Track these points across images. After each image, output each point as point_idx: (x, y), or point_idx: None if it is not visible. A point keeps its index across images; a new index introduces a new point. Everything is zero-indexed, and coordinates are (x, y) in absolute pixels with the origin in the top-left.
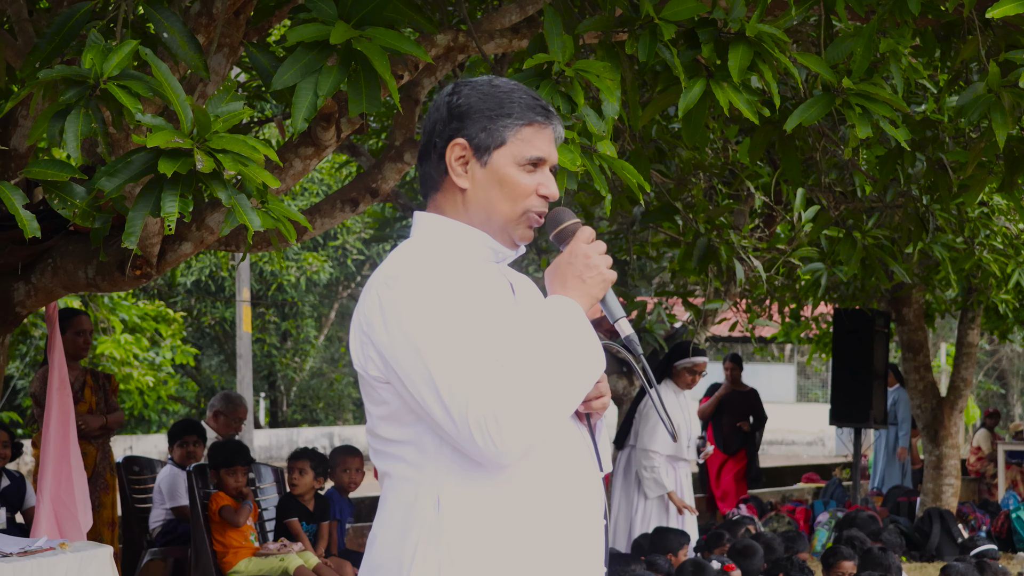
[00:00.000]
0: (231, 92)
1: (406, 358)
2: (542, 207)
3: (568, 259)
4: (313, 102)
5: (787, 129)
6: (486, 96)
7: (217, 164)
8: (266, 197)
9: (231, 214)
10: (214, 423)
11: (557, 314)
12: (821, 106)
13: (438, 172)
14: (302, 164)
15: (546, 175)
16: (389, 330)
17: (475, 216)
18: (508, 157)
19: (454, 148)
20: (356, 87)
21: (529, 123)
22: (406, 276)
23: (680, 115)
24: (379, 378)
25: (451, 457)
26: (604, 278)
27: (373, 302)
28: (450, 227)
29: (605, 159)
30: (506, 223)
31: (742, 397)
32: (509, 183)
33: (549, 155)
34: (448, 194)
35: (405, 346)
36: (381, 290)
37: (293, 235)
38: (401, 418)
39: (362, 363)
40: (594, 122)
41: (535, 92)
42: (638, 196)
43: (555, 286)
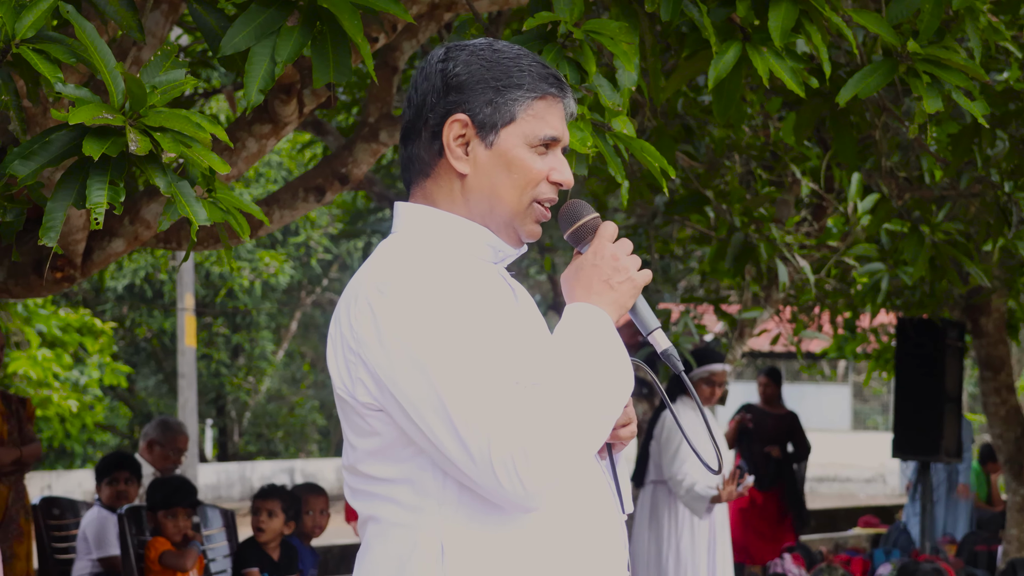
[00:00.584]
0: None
1: (409, 381)
2: (552, 196)
3: (593, 261)
4: (270, 70)
5: (840, 103)
6: (490, 63)
7: (154, 145)
8: (214, 185)
9: (171, 205)
10: (149, 455)
11: (585, 327)
12: (881, 74)
13: (430, 154)
14: (257, 145)
15: (559, 158)
16: (387, 347)
17: (475, 207)
18: (518, 136)
19: (453, 125)
20: (322, 52)
21: (542, 96)
22: (403, 281)
23: (711, 86)
24: (371, 405)
25: (457, 497)
26: (635, 283)
27: (363, 314)
28: (444, 221)
29: (621, 139)
30: (513, 216)
31: (777, 421)
32: (519, 167)
33: (563, 134)
34: (442, 181)
35: (408, 367)
36: (374, 299)
37: (247, 230)
38: (395, 452)
39: (349, 387)
40: (608, 94)
41: (543, 59)
42: (661, 183)
43: (578, 292)
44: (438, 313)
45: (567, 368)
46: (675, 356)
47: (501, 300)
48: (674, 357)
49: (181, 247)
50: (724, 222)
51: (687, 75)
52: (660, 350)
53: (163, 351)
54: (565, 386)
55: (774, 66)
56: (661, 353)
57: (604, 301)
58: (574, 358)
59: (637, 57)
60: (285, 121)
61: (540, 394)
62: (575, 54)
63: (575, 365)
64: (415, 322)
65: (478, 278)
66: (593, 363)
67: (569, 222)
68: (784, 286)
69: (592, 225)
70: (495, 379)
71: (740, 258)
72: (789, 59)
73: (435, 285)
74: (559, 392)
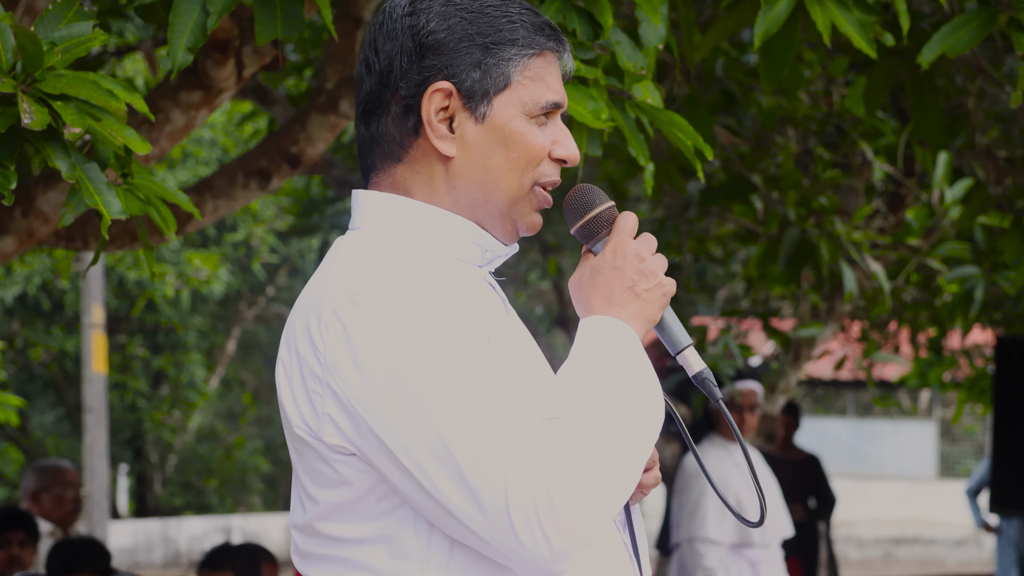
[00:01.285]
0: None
1: (397, 415)
2: (556, 177)
3: (613, 262)
4: (200, 23)
5: (922, 64)
6: (472, 14)
7: (54, 117)
8: (130, 168)
9: (75, 193)
10: (37, 508)
11: (608, 345)
12: (975, 27)
13: (402, 132)
14: (185, 117)
15: (561, 128)
16: (366, 373)
17: (464, 197)
18: (515, 105)
19: (433, 96)
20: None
21: (539, 52)
22: (383, 290)
23: (758, 44)
24: (340, 448)
25: (447, 559)
26: (665, 290)
27: (332, 332)
28: (423, 214)
29: (645, 110)
30: (511, 205)
31: (795, 469)
32: (518, 143)
33: (564, 98)
34: (419, 166)
35: (395, 397)
36: (345, 313)
37: (172, 225)
38: (370, 506)
39: (312, 425)
40: (628, 54)
41: (530, 5)
42: (695, 165)
43: (596, 302)
44: (431, 329)
45: (591, 397)
46: (711, 380)
47: (495, 314)
48: (710, 382)
49: (88, 247)
50: (775, 215)
51: (728, 29)
52: (692, 373)
53: (64, 378)
54: (591, 419)
55: (838, 18)
56: (693, 377)
57: (628, 313)
58: (599, 384)
59: (666, 6)
60: (220, 87)
61: (562, 429)
62: (586, 2)
63: (601, 393)
64: (402, 340)
65: (468, 286)
66: (622, 390)
67: (578, 213)
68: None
69: (607, 216)
70: (507, 411)
71: (795, 260)
72: (857, 9)
73: (424, 294)
74: (585, 426)
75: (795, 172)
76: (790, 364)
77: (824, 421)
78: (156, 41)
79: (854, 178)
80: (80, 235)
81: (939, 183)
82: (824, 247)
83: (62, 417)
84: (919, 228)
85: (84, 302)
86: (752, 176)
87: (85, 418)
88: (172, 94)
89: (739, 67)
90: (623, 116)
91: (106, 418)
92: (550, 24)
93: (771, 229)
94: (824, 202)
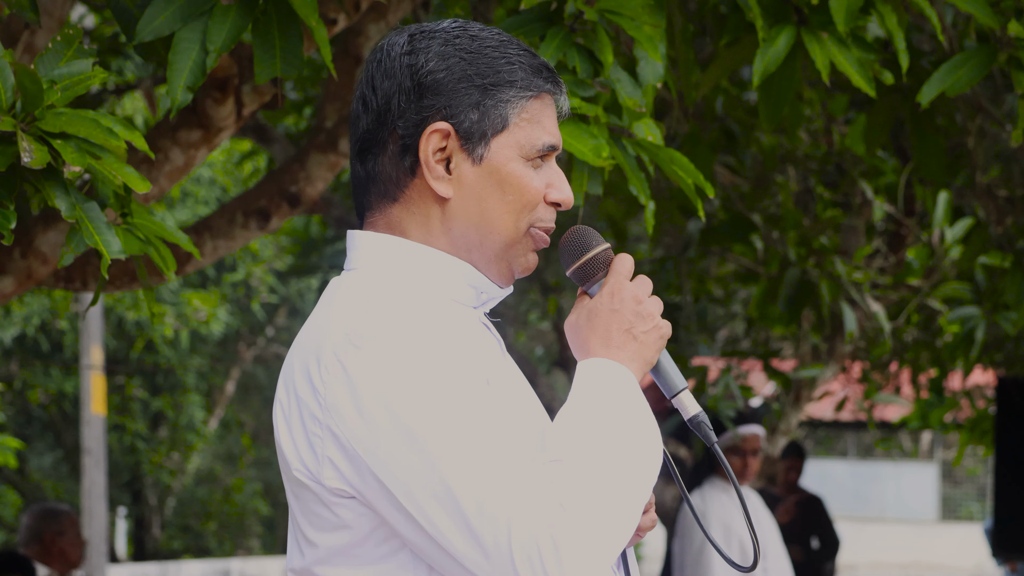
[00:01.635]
0: (74, 44)
1: (399, 458)
2: (551, 221)
3: (610, 304)
4: (200, 61)
5: (922, 102)
6: (472, 54)
7: (53, 156)
8: (130, 207)
9: (75, 233)
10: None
11: (606, 388)
12: (975, 66)
13: (399, 172)
14: (184, 156)
15: (555, 171)
16: (367, 416)
17: (460, 239)
18: (512, 147)
19: (431, 137)
20: (266, 38)
21: (537, 95)
22: (386, 331)
23: (757, 81)
24: (340, 491)
25: None
26: (662, 333)
27: (333, 374)
28: (419, 256)
29: (645, 148)
30: (507, 247)
31: (799, 509)
32: (514, 186)
33: (559, 141)
34: (415, 206)
35: (397, 440)
36: (347, 355)
37: (172, 265)
38: (369, 550)
39: (311, 469)
40: (628, 91)
41: (526, 45)
42: (696, 204)
43: (593, 345)
44: (432, 371)
45: (591, 440)
46: (706, 424)
47: (492, 356)
48: (705, 425)
49: (88, 287)
50: (775, 254)
51: (728, 67)
52: (687, 416)
53: (63, 420)
54: (591, 462)
55: (836, 56)
56: (689, 420)
57: (626, 355)
58: (598, 427)
59: (665, 44)
60: (220, 126)
61: (563, 472)
62: (586, 40)
63: (600, 436)
64: (404, 382)
65: (465, 328)
66: (621, 432)
67: (574, 255)
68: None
69: (603, 259)
70: (509, 453)
71: (796, 300)
72: (856, 47)
73: (424, 336)
74: (585, 469)
75: (796, 211)
76: (791, 405)
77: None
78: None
79: (854, 217)
80: (79, 275)
81: (940, 223)
82: (825, 287)
83: (60, 459)
84: (920, 268)
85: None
86: (752, 215)
87: (83, 460)
88: (171, 133)
89: (739, 105)
90: (624, 154)
91: (104, 460)
92: (547, 66)
93: (772, 269)
94: (825, 242)
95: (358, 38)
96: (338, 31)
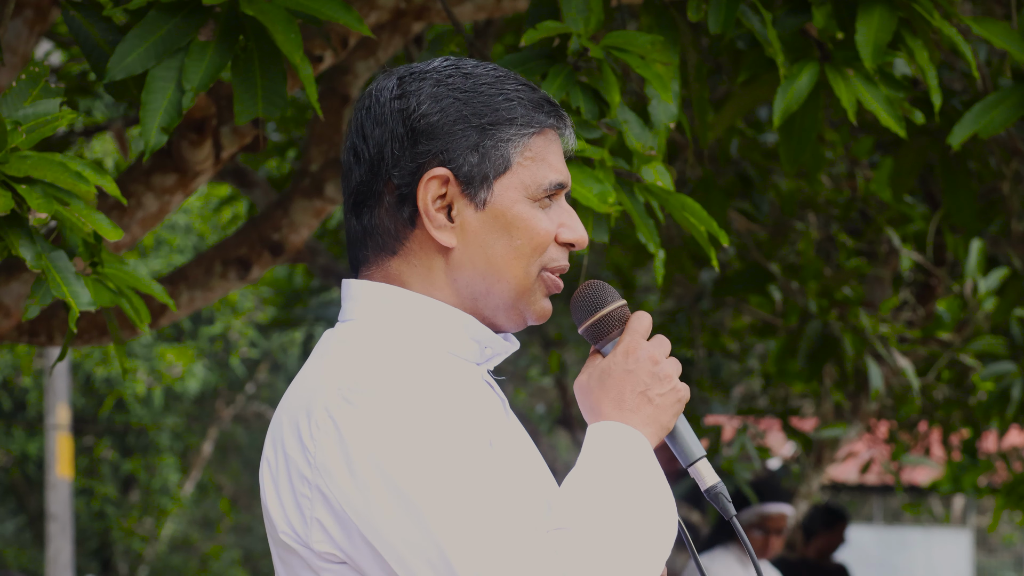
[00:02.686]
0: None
1: (392, 523)
2: (564, 262)
3: (625, 365)
4: (176, 101)
5: (953, 145)
6: (466, 93)
7: (17, 202)
8: (100, 256)
9: (41, 284)
10: None
11: (619, 454)
12: (1010, 106)
13: (397, 224)
14: (158, 202)
15: (566, 210)
16: (360, 478)
17: (466, 289)
18: (517, 188)
19: (429, 185)
20: (246, 76)
21: (540, 130)
22: (380, 387)
23: (776, 123)
24: (329, 555)
25: None
26: (679, 397)
27: (324, 432)
28: (420, 308)
29: (655, 193)
30: (518, 295)
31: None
32: (522, 229)
33: (568, 178)
34: (415, 259)
35: (392, 503)
36: (338, 411)
37: (145, 317)
38: None
39: (299, 531)
40: (637, 133)
41: (527, 80)
42: (709, 253)
43: (605, 407)
44: (430, 431)
45: (600, 508)
46: (725, 496)
47: (494, 415)
48: (723, 497)
49: (54, 342)
50: (795, 306)
51: (744, 107)
52: (704, 488)
53: (26, 484)
54: (599, 531)
55: (863, 94)
56: (706, 491)
57: (641, 420)
58: (608, 496)
59: (677, 82)
60: (196, 170)
61: (568, 541)
62: (591, 79)
63: (610, 505)
64: (400, 443)
65: (466, 385)
66: (632, 502)
67: (588, 311)
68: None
69: (619, 316)
70: (510, 520)
71: (817, 356)
72: (884, 85)
73: (423, 393)
74: (592, 539)
75: (816, 261)
76: (812, 467)
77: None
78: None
79: (880, 267)
80: (44, 329)
81: (972, 273)
82: (848, 341)
83: (23, 526)
84: (951, 321)
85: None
86: (770, 265)
87: (48, 527)
88: (145, 177)
89: (756, 147)
90: (631, 200)
91: (71, 527)
92: (549, 100)
93: (791, 322)
94: (848, 293)
95: (346, 76)
96: (324, 69)
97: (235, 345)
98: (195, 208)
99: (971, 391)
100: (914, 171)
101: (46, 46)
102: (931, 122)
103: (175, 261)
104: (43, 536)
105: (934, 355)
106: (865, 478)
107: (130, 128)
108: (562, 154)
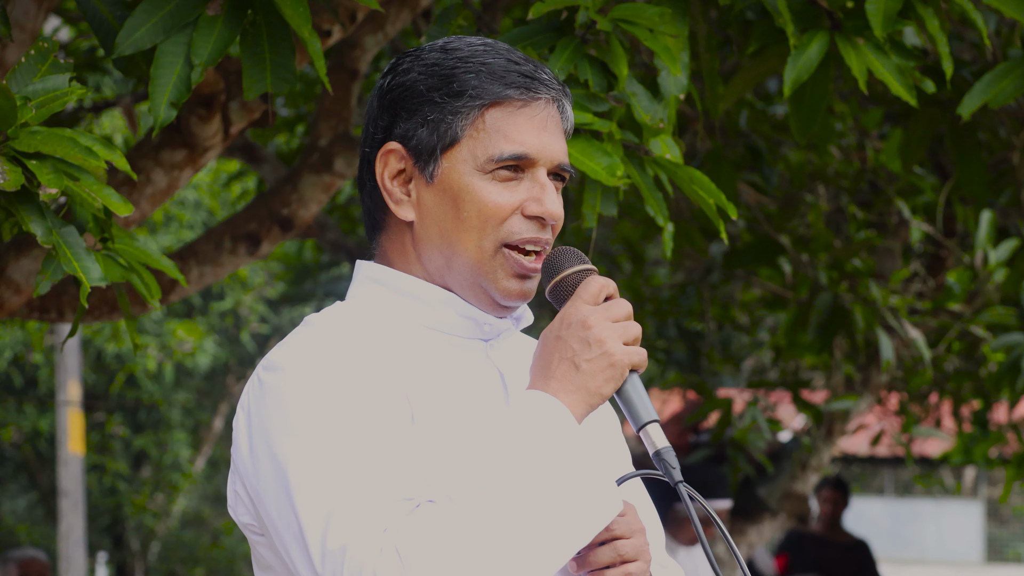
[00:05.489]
0: (48, 59)
1: (273, 496)
2: (535, 236)
3: (557, 331)
4: (185, 76)
5: (963, 115)
6: (432, 67)
7: (28, 177)
8: (110, 232)
9: (51, 260)
10: None
11: (531, 424)
12: (1021, 76)
13: (375, 200)
14: (167, 178)
15: (539, 184)
16: (255, 453)
17: (430, 264)
18: (466, 160)
19: (385, 159)
20: (255, 51)
21: (495, 102)
22: (297, 365)
23: (787, 93)
24: (252, 527)
25: None
26: (613, 362)
27: (241, 408)
28: (399, 284)
29: (664, 166)
30: (474, 271)
31: (842, 554)
32: (467, 201)
33: (538, 150)
34: (393, 234)
35: (272, 478)
36: (251, 390)
37: (156, 293)
38: None
39: (232, 504)
40: (646, 106)
41: (520, 53)
42: (718, 226)
43: (534, 375)
44: (320, 407)
45: (494, 479)
46: (670, 462)
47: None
48: (668, 463)
49: (64, 318)
50: (805, 279)
51: (754, 78)
52: (652, 450)
53: (38, 460)
54: (481, 503)
55: (874, 63)
56: (653, 455)
57: (565, 387)
58: (506, 468)
59: (686, 54)
60: (205, 145)
61: (432, 516)
62: (599, 52)
63: (505, 477)
64: (288, 420)
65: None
66: (533, 476)
67: (547, 275)
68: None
69: (574, 281)
70: (370, 496)
71: (827, 328)
72: (895, 54)
73: (328, 372)
74: (469, 510)
75: (826, 233)
76: (823, 439)
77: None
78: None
79: (890, 239)
80: (55, 305)
81: (982, 244)
82: (858, 313)
83: (35, 502)
84: (961, 292)
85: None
86: (780, 237)
87: (60, 503)
88: (154, 153)
89: (765, 120)
90: (640, 173)
91: (83, 503)
92: (524, 71)
93: (801, 294)
94: (858, 265)
95: (354, 50)
96: (333, 43)
97: (245, 320)
98: (204, 184)
99: (982, 362)
100: (924, 142)
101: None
102: (941, 92)
103: (185, 237)
104: (55, 512)
105: (944, 326)
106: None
107: (139, 104)
108: (541, 127)
